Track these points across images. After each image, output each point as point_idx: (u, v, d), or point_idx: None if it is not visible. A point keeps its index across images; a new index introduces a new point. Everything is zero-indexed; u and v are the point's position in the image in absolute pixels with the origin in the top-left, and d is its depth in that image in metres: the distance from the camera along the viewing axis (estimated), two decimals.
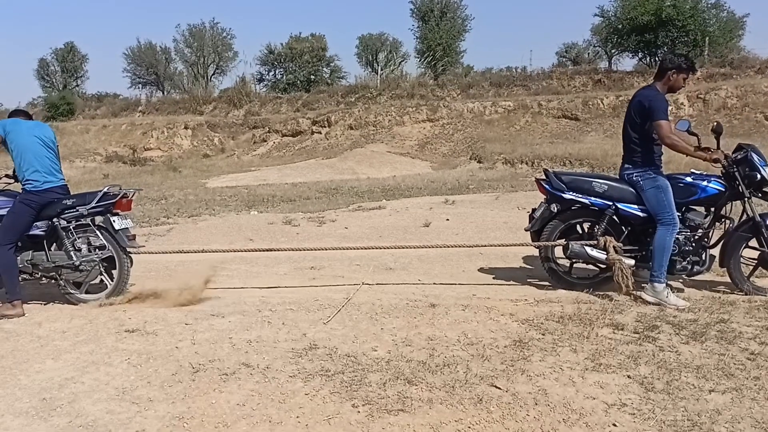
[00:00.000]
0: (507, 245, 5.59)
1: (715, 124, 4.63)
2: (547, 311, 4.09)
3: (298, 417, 2.68)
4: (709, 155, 4.45)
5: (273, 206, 10.25)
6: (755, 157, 4.47)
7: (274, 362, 3.27)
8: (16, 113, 4.72)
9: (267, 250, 6.02)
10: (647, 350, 3.38)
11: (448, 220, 8.11)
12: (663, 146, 4.46)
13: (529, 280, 5.10)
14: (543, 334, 3.65)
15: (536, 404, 2.76)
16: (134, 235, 4.71)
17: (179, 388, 3.00)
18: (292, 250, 6.04)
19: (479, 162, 16.37)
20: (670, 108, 4.61)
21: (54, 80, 37.91)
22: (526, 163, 14.67)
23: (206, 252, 5.90)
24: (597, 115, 19.79)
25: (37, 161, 4.44)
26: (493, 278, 5.25)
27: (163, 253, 5.79)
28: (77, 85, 38.33)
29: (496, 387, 2.92)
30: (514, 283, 5.05)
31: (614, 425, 2.58)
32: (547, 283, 4.90)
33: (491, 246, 5.72)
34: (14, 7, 60.44)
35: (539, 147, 16.45)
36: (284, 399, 2.85)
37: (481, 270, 5.57)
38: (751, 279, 4.62)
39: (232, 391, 2.95)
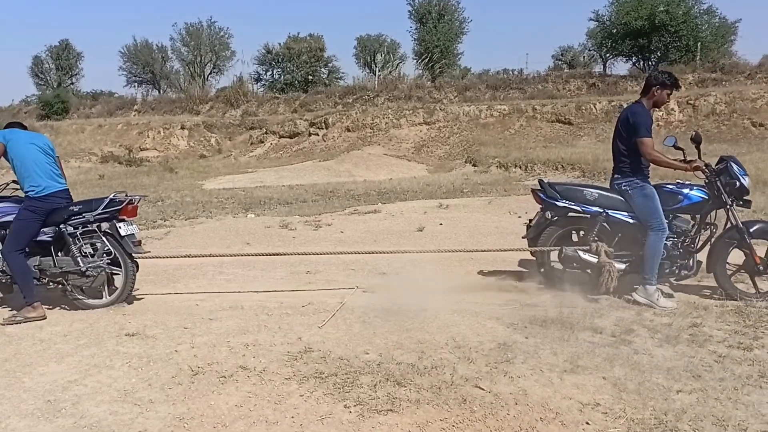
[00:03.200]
0: (505, 250, 5.77)
1: (694, 133, 4.84)
2: (532, 315, 4.25)
3: (293, 417, 2.84)
4: (689, 165, 4.68)
5: (270, 209, 10.36)
6: (734, 167, 4.69)
7: (271, 365, 3.43)
8: (12, 125, 4.79)
9: (264, 255, 6.16)
10: (623, 353, 3.55)
11: (441, 224, 8.26)
12: None
13: (517, 285, 5.22)
14: (526, 337, 3.82)
15: (516, 404, 2.93)
16: (140, 241, 4.81)
17: (179, 390, 3.15)
18: (288, 254, 6.18)
19: (474, 165, 16.47)
20: (661, 113, 4.85)
21: (48, 78, 37.62)
22: (520, 167, 14.83)
23: (207, 257, 6.03)
24: (590, 119, 19.98)
25: (38, 167, 4.56)
26: (483, 282, 5.38)
27: (165, 257, 5.93)
28: (72, 83, 38.08)
29: (480, 388, 3.09)
30: (503, 287, 5.17)
31: (587, 423, 2.75)
32: (534, 288, 5.03)
33: (489, 251, 5.88)
34: (8, 3, 59.89)
35: (533, 151, 16.64)
36: (280, 400, 3.01)
37: (471, 274, 5.71)
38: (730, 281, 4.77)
39: (230, 393, 3.10)
